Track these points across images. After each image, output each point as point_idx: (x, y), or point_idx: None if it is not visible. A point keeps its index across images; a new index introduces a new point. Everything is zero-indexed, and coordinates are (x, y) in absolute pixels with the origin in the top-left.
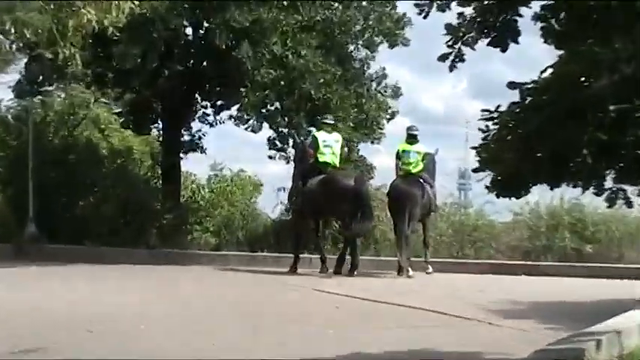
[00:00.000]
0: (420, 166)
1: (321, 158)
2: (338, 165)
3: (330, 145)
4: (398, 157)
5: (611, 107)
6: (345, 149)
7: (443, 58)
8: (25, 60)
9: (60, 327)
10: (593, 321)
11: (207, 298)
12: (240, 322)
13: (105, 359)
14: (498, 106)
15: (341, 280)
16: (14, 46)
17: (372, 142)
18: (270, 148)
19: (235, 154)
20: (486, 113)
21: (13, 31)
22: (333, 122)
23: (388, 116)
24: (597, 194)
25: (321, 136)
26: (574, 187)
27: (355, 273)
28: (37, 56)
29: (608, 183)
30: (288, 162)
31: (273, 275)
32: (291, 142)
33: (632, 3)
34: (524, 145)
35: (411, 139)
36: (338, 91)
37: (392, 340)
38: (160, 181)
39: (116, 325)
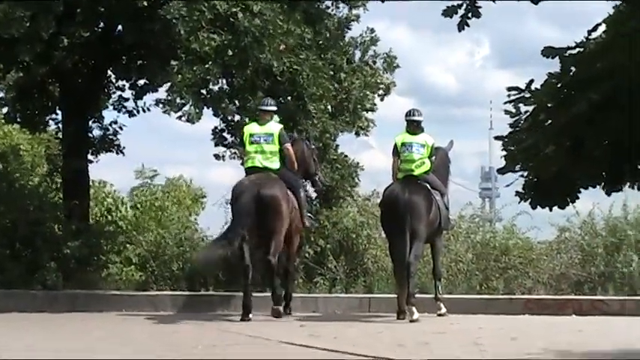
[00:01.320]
0: (427, 166)
1: (247, 162)
2: (276, 167)
3: (257, 142)
4: (396, 152)
5: None
6: (287, 144)
7: (450, 12)
8: None
9: None
10: None
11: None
12: None
13: None
14: (531, 82)
15: (317, 328)
16: None
17: (357, 134)
18: (216, 144)
19: (166, 154)
20: (515, 92)
21: None
22: (272, 108)
23: (379, 97)
24: None
25: (250, 128)
26: None
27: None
28: None
29: None
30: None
31: (222, 323)
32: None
33: None
34: (570, 134)
35: (413, 127)
36: (308, 61)
37: None
38: (61, 195)
39: None
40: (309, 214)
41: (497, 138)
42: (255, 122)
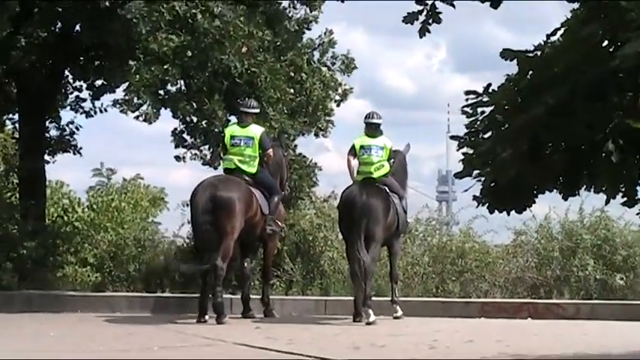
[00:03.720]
0: (386, 169)
1: (224, 163)
2: (252, 171)
3: (237, 145)
4: (353, 154)
5: None
6: (270, 150)
7: (410, 18)
8: None
9: None
10: None
11: None
12: None
13: None
14: (489, 85)
15: (273, 330)
16: None
17: (316, 135)
18: (176, 146)
19: (123, 155)
20: (472, 96)
21: None
22: (254, 110)
23: (338, 98)
24: (628, 204)
25: (231, 130)
26: (596, 193)
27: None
28: None
29: None
30: (204, 163)
31: (177, 325)
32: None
33: None
34: (527, 137)
35: (372, 130)
36: (267, 62)
37: None
38: (18, 195)
39: None
40: (277, 222)
41: (453, 138)
42: (236, 124)
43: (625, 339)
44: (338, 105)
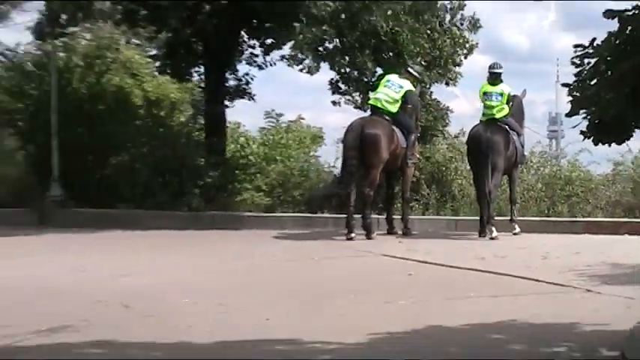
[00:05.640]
0: (505, 110)
1: (372, 100)
2: (394, 112)
3: (389, 86)
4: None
5: None
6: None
7: None
8: None
9: (91, 302)
10: None
11: (260, 267)
12: (298, 293)
13: (143, 340)
14: (594, 40)
15: (413, 244)
16: None
17: (447, 84)
18: (333, 92)
19: (288, 100)
20: (580, 49)
21: None
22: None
23: (465, 52)
24: None
25: (389, 76)
26: None
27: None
28: None
29: None
30: (356, 107)
31: (334, 240)
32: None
33: None
34: (628, 83)
35: (493, 78)
36: (408, 23)
37: (474, 311)
38: (203, 134)
39: (154, 300)
40: (414, 155)
41: (564, 85)
42: (394, 74)
43: None
44: (465, 58)
